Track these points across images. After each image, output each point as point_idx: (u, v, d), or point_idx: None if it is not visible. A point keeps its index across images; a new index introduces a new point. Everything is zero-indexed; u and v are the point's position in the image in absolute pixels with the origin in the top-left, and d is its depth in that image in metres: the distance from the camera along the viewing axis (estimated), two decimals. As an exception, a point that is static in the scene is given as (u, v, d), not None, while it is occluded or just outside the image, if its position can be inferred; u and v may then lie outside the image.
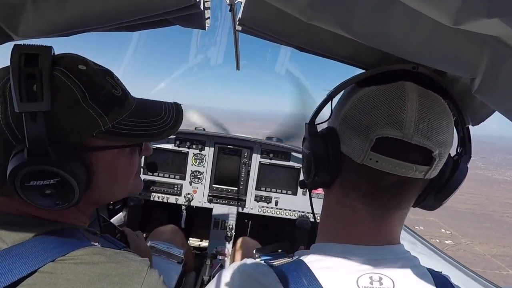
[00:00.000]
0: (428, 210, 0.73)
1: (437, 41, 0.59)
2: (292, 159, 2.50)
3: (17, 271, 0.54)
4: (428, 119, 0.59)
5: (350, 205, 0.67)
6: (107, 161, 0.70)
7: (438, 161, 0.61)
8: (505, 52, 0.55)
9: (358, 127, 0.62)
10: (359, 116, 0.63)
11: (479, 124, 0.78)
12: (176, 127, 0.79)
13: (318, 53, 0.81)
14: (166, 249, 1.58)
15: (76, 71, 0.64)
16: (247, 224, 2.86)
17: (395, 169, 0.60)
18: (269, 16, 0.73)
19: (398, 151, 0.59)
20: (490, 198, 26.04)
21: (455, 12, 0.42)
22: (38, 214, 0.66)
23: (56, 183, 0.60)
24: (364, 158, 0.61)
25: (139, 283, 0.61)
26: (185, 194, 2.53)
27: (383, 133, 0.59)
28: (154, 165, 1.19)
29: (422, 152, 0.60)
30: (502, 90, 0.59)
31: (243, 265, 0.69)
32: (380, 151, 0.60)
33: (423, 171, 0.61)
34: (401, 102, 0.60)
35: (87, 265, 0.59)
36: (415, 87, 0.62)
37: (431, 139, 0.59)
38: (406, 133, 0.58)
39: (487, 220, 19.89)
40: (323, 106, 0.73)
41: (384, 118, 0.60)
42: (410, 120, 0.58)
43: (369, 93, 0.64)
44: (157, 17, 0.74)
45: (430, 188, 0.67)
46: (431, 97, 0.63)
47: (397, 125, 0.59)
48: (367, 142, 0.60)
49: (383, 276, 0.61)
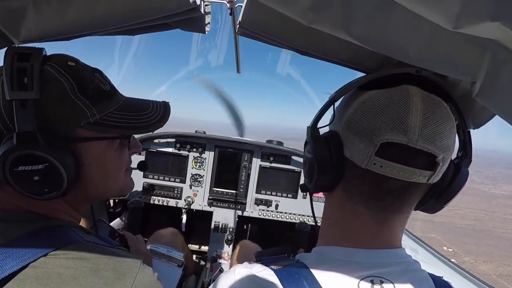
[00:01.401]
0: (429, 213, 0.73)
1: (438, 44, 0.59)
2: (293, 162, 2.50)
3: (7, 267, 0.53)
4: (432, 124, 0.59)
5: (352, 209, 0.66)
6: (96, 153, 0.72)
7: (441, 165, 0.61)
8: (505, 56, 0.55)
9: (362, 131, 0.62)
10: (363, 120, 0.62)
11: (480, 127, 0.78)
12: (163, 121, 0.80)
13: (319, 56, 0.81)
14: (166, 252, 1.57)
15: (65, 66, 0.66)
16: (247, 228, 2.85)
17: (399, 174, 0.59)
18: (270, 19, 0.73)
19: (403, 156, 0.59)
20: (489, 214, 25.78)
21: (455, 16, 0.42)
22: (32, 209, 0.66)
23: (44, 168, 0.62)
24: (368, 163, 0.60)
25: (132, 278, 0.60)
26: (185, 197, 2.53)
27: (387, 138, 0.59)
28: (144, 164, 1.21)
29: (426, 157, 0.60)
30: (502, 94, 0.58)
31: (244, 268, 0.69)
32: (384, 156, 0.59)
33: (427, 176, 0.61)
34: (405, 106, 0.59)
35: (79, 260, 0.59)
36: (418, 91, 0.62)
37: (435, 144, 0.59)
38: (411, 138, 0.58)
39: (488, 236, 19.70)
40: (325, 110, 0.73)
41: (388, 123, 0.59)
42: (415, 125, 0.58)
43: (373, 97, 0.63)
44: (157, 21, 0.74)
45: (432, 191, 0.67)
46: (435, 101, 0.62)
47: (402, 130, 0.58)
48: (371, 147, 0.60)
49: (384, 280, 0.61)
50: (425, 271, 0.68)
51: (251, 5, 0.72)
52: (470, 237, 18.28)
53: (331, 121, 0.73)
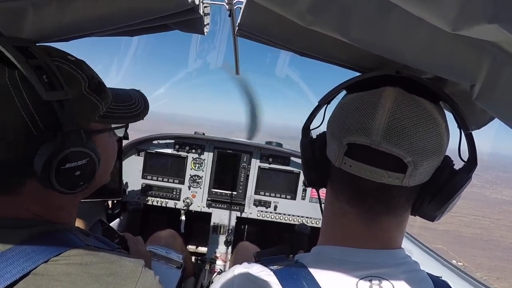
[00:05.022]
0: (427, 220, 0.71)
1: (436, 47, 0.59)
2: (292, 163, 2.50)
3: (9, 275, 0.53)
4: (400, 126, 0.59)
5: (340, 207, 0.69)
6: (103, 144, 0.75)
7: (413, 168, 0.60)
8: (503, 58, 0.55)
9: (335, 133, 0.66)
10: (337, 122, 0.67)
11: (481, 128, 0.78)
12: (147, 109, 0.86)
13: (318, 58, 0.81)
14: (165, 254, 1.57)
15: (69, 61, 0.68)
16: (246, 229, 2.85)
17: (368, 175, 0.61)
18: (268, 21, 0.73)
19: (368, 157, 0.61)
20: (494, 221, 25.21)
21: (453, 18, 0.42)
22: (33, 213, 0.66)
23: (86, 163, 0.65)
24: (340, 162, 0.65)
25: (134, 283, 0.60)
26: (184, 198, 2.53)
27: (352, 139, 0.62)
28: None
29: (393, 159, 0.60)
30: (501, 97, 0.58)
31: (243, 269, 0.69)
32: (352, 157, 0.63)
33: (398, 178, 0.60)
34: (372, 109, 0.61)
35: (80, 266, 0.58)
36: (394, 93, 0.61)
37: (401, 146, 0.59)
38: (374, 140, 0.60)
39: (497, 247, 19.17)
40: (315, 112, 0.78)
41: (355, 124, 0.62)
42: (378, 127, 0.60)
43: (348, 100, 0.67)
44: (156, 22, 0.74)
45: (423, 195, 0.66)
46: (411, 103, 0.61)
47: (365, 132, 0.61)
48: (341, 147, 0.64)
49: (383, 280, 0.61)
50: (424, 271, 0.68)
51: (250, 7, 0.72)
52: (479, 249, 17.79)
53: (321, 123, 0.79)
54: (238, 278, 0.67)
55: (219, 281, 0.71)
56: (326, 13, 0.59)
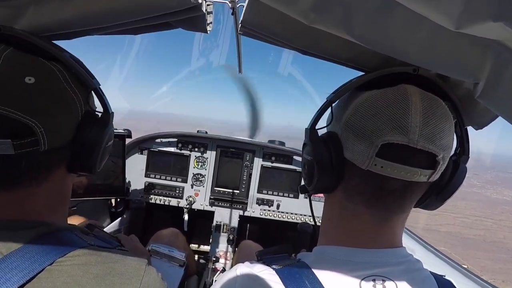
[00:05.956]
0: (428, 210, 0.74)
1: (440, 45, 0.59)
2: (294, 162, 2.50)
3: (15, 280, 0.52)
4: (432, 123, 0.59)
5: (353, 209, 0.67)
6: None
7: (441, 164, 0.61)
8: (508, 56, 0.55)
9: (362, 133, 0.62)
10: (363, 121, 0.62)
11: (483, 128, 0.77)
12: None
13: (320, 56, 0.80)
14: (168, 252, 1.57)
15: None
16: (248, 228, 2.85)
17: (400, 174, 0.59)
18: (271, 19, 0.73)
19: (404, 156, 0.59)
20: (496, 222, 24.97)
21: (457, 16, 0.42)
22: (31, 214, 0.64)
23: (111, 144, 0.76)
24: (369, 164, 0.60)
25: (138, 282, 0.61)
26: (187, 197, 2.53)
27: (388, 139, 0.59)
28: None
29: (427, 157, 0.60)
30: (505, 95, 0.58)
31: (245, 268, 0.69)
32: (385, 157, 0.59)
33: (427, 175, 0.61)
34: (405, 106, 0.59)
35: (84, 266, 0.59)
36: (417, 91, 0.62)
37: (435, 143, 0.59)
38: (412, 139, 0.58)
39: (501, 249, 18.90)
40: (323, 111, 0.73)
41: (388, 123, 0.59)
42: (415, 125, 0.58)
43: (371, 98, 0.63)
44: (159, 19, 0.74)
45: (432, 189, 0.68)
46: (433, 100, 0.62)
47: (403, 130, 0.58)
48: (371, 148, 0.60)
49: (386, 279, 0.61)
50: (427, 270, 0.68)
51: (253, 5, 0.72)
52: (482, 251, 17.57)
53: (329, 122, 0.73)
54: (240, 277, 0.67)
55: (222, 280, 0.71)
56: (329, 11, 0.58)
